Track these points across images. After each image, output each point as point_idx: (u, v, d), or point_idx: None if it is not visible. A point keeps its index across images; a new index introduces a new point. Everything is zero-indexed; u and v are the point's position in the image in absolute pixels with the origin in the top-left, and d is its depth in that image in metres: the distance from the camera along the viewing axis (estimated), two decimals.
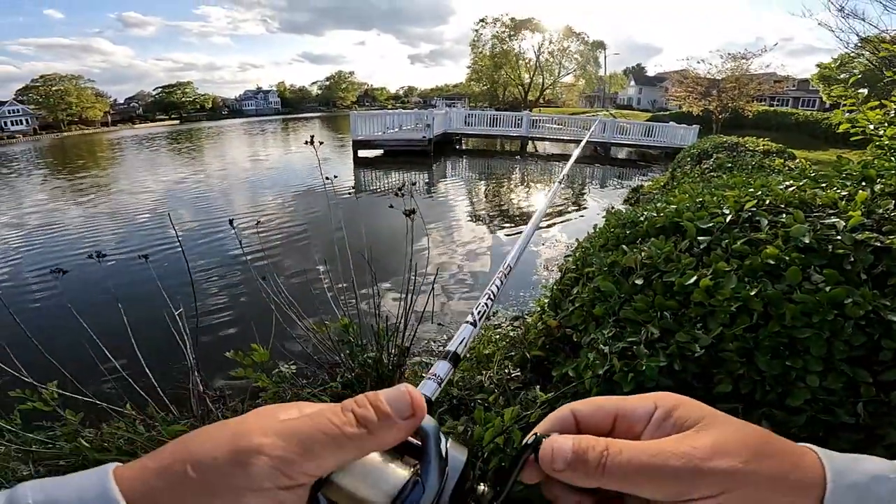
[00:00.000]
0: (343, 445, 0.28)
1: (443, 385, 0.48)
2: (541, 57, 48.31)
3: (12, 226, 8.73)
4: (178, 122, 66.50)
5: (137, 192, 11.50)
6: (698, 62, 22.26)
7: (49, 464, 1.67)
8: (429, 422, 0.32)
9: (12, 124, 50.83)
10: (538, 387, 1.71)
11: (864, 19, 10.15)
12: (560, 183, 1.35)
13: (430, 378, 0.47)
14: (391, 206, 2.28)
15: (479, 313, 0.55)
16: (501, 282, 0.63)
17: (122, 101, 77.09)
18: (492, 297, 0.61)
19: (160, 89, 78.25)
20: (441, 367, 0.49)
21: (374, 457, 0.31)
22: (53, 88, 56.06)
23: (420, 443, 0.32)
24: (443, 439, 0.33)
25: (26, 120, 52.20)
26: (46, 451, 1.69)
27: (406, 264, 2.45)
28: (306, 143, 2.51)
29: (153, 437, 1.70)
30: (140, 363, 2.20)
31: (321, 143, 2.52)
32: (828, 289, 1.16)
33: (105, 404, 1.82)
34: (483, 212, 9.14)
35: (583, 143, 3.80)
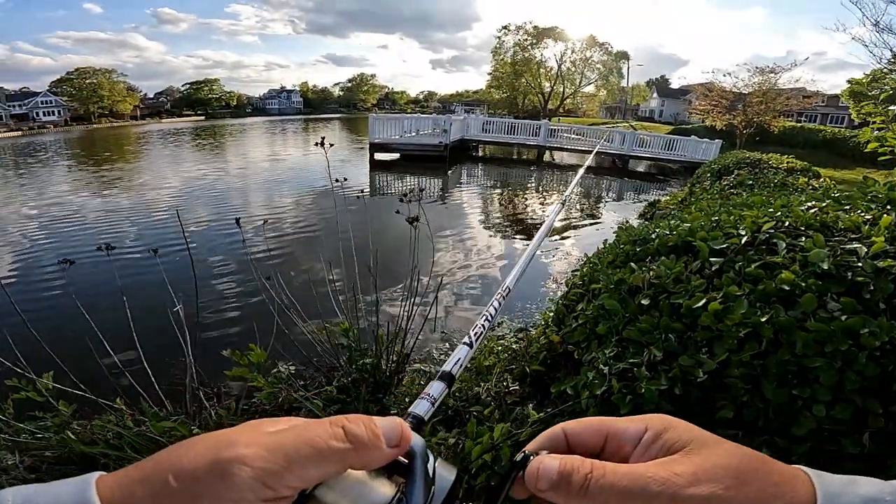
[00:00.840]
0: (327, 458, 0.27)
1: (436, 405, 0.48)
2: (562, 66, 48.07)
3: (26, 217, 8.92)
4: (203, 118, 67.92)
5: (157, 187, 11.66)
6: (724, 75, 21.91)
7: (36, 454, 1.67)
8: (417, 440, 0.32)
9: (44, 115, 52.47)
10: (531, 404, 1.65)
11: None
12: (563, 204, 1.31)
13: (423, 398, 0.46)
14: (397, 212, 2.25)
15: (475, 335, 0.55)
16: (499, 303, 0.62)
17: (151, 96, 79.13)
18: (489, 318, 0.60)
19: (188, 85, 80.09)
20: (435, 388, 0.49)
21: (360, 473, 0.31)
22: (87, 81, 57.70)
23: (407, 461, 0.32)
24: (430, 458, 0.32)
25: (58, 111, 53.83)
26: (34, 441, 1.69)
27: (409, 272, 2.42)
28: (316, 144, 2.50)
29: (142, 432, 1.69)
30: (141, 358, 2.20)
31: (332, 144, 2.51)
32: (844, 318, 1.09)
33: (95, 397, 1.82)
34: (495, 221, 9.05)
35: (589, 159, 3.75)
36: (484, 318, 0.65)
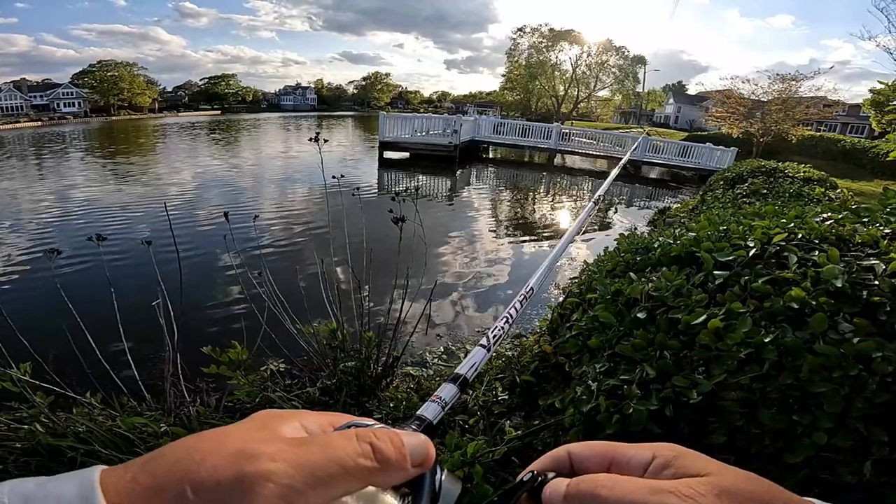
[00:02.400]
0: (353, 476, 0.26)
1: (447, 408, 0.47)
2: (578, 69, 47.70)
3: (34, 208, 9.01)
4: (219, 112, 68.66)
5: (166, 183, 11.63)
6: (743, 82, 21.56)
7: (6, 446, 1.63)
8: None
9: (65, 106, 53.48)
10: (518, 418, 1.56)
11: None
12: (596, 203, 1.22)
13: (434, 401, 0.46)
14: (390, 211, 2.17)
15: (494, 337, 0.51)
16: (521, 304, 0.57)
17: (170, 90, 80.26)
18: (509, 320, 0.55)
19: (206, 80, 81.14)
20: (447, 391, 0.48)
21: (369, 488, 0.30)
22: (108, 74, 58.71)
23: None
24: (438, 471, 0.32)
25: (78, 103, 54.82)
26: (8, 432, 1.66)
27: (404, 273, 2.34)
28: (310, 140, 2.44)
29: (112, 427, 1.63)
30: (125, 351, 2.15)
31: (326, 140, 2.45)
32: (855, 340, 0.99)
33: (64, 390, 1.77)
34: (502, 224, 8.93)
35: (623, 162, 3.61)
36: (504, 319, 0.63)
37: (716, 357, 1.11)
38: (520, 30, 48.98)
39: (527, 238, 7.96)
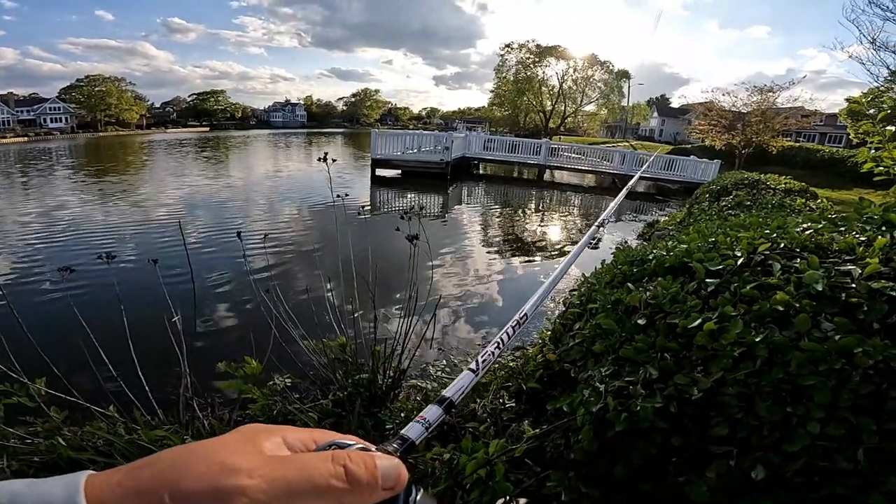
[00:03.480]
0: (324, 496, 0.28)
1: (431, 430, 0.47)
2: (564, 84, 48.60)
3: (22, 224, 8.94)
4: (208, 129, 68.48)
5: (154, 203, 11.52)
6: (723, 94, 22.18)
7: (24, 459, 1.66)
8: None
9: (52, 121, 52.83)
10: (526, 422, 1.64)
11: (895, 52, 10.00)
12: (601, 227, 1.29)
13: (418, 421, 0.46)
14: (397, 230, 2.26)
15: (483, 361, 0.52)
16: (514, 330, 0.59)
17: (158, 106, 79.92)
18: (500, 345, 0.57)
19: (195, 96, 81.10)
20: (432, 412, 0.48)
21: None
22: (96, 89, 58.16)
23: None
24: (413, 491, 0.33)
25: (65, 118, 54.20)
26: (24, 446, 1.69)
27: (408, 288, 2.42)
28: (319, 160, 2.53)
29: (133, 440, 1.68)
30: (136, 366, 2.20)
31: (334, 160, 2.54)
32: (837, 338, 1.10)
33: (88, 404, 1.82)
34: (494, 241, 9.03)
35: (633, 182, 3.59)
36: (495, 344, 0.62)
37: (712, 356, 1.21)
38: (507, 46, 49.85)
39: (519, 255, 8.06)
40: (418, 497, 0.33)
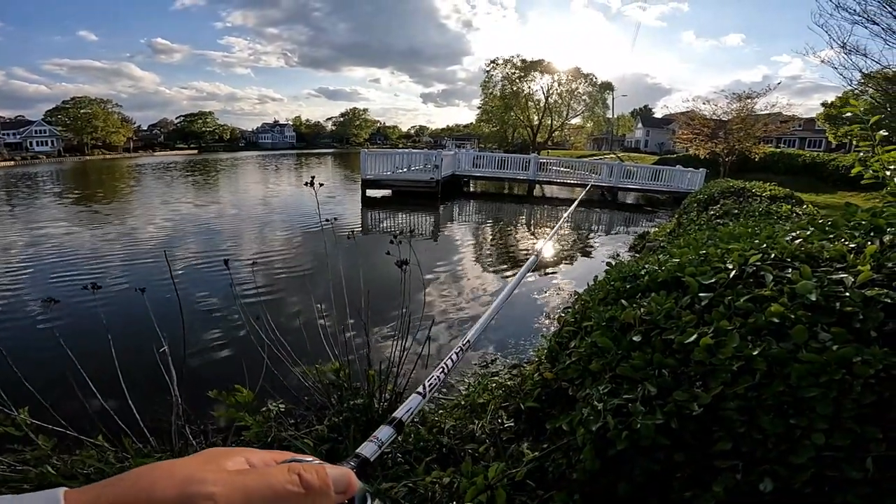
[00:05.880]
0: (283, 500, 0.31)
1: (383, 448, 0.52)
2: (550, 98, 49.31)
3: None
4: (196, 151, 68.24)
5: (142, 230, 11.26)
6: (704, 103, 22.68)
7: (14, 486, 1.62)
8: (359, 486, 0.37)
9: (38, 144, 52.21)
10: (526, 443, 1.61)
11: (866, 55, 10.31)
12: (536, 256, 1.31)
13: (371, 441, 0.52)
14: (388, 254, 2.25)
15: (430, 386, 0.57)
16: (458, 356, 0.63)
17: (145, 128, 79.50)
18: (445, 370, 0.61)
19: (182, 118, 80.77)
20: (384, 432, 0.54)
21: None
22: (82, 111, 57.54)
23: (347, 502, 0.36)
24: (369, 500, 0.38)
25: (52, 141, 53.58)
26: (13, 474, 1.65)
27: (401, 312, 2.40)
28: (306, 184, 2.52)
29: (125, 468, 1.63)
30: (126, 395, 2.14)
31: (322, 184, 2.53)
32: (835, 348, 1.10)
33: (76, 433, 1.78)
34: (487, 259, 9.00)
35: (572, 208, 3.78)
36: (441, 370, 0.67)
37: (711, 371, 1.20)
38: (493, 62, 50.55)
39: (513, 271, 8.03)
40: None
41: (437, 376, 0.62)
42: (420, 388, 0.59)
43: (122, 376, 2.17)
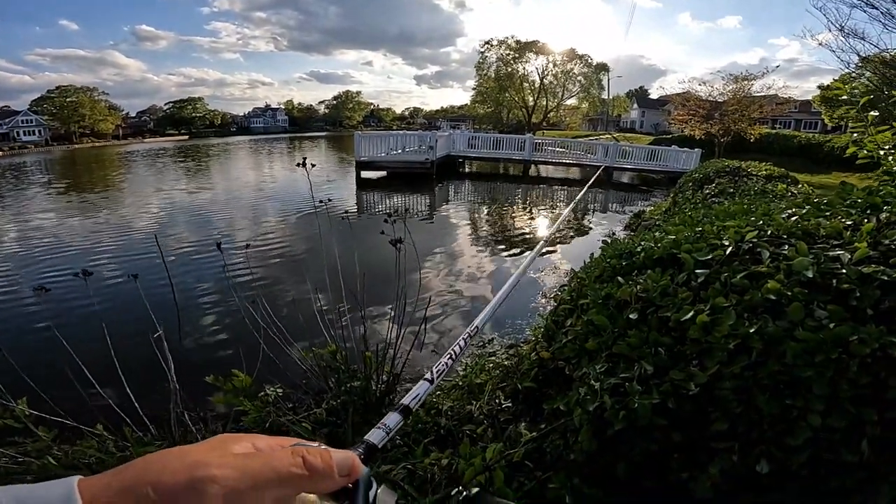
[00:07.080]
0: (286, 482, 0.32)
1: (391, 434, 0.53)
2: (545, 79, 48.77)
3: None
4: (186, 137, 67.24)
5: (133, 217, 11.22)
6: (700, 84, 22.53)
7: (17, 479, 1.62)
8: (363, 470, 0.37)
9: (25, 134, 51.42)
10: (524, 424, 1.62)
11: (864, 38, 10.25)
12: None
13: (379, 427, 0.52)
14: (382, 233, 2.23)
15: (437, 371, 0.58)
16: (465, 342, 0.63)
17: (133, 115, 78.27)
18: (453, 356, 0.62)
19: (171, 104, 79.49)
20: (391, 419, 0.54)
21: (312, 496, 0.35)
22: (67, 100, 56.70)
23: (352, 486, 0.36)
24: (373, 485, 0.38)
25: (39, 131, 52.80)
26: (15, 466, 1.65)
27: (396, 293, 2.39)
28: (298, 165, 2.48)
29: (125, 457, 1.64)
30: (123, 383, 2.14)
31: (313, 165, 2.49)
32: (832, 326, 1.09)
33: (75, 423, 1.78)
34: (483, 239, 8.98)
35: (580, 194, 3.76)
36: (448, 356, 0.68)
37: (707, 349, 1.20)
38: (487, 43, 49.80)
39: (509, 252, 8.02)
40: (378, 491, 0.38)
41: (445, 362, 0.63)
42: (427, 375, 0.59)
43: (118, 365, 2.16)
